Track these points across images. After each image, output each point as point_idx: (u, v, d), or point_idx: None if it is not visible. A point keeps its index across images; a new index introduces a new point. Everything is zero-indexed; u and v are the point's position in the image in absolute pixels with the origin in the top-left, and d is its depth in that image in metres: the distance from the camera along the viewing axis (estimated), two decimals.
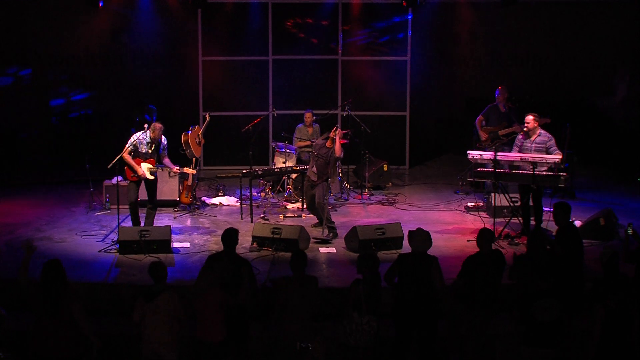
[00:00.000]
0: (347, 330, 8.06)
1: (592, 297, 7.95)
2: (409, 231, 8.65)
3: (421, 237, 8.45)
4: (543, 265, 8.18)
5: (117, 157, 11.70)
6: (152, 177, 11.96)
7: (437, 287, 8.23)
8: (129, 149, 11.83)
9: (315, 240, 11.94)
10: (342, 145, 12.47)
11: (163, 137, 12.10)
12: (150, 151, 11.95)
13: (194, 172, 12.67)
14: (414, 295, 8.22)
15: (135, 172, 11.85)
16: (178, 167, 12.22)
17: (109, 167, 11.73)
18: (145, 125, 12.03)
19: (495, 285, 8.49)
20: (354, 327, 8.02)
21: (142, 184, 12.06)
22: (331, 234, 12.10)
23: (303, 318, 8.11)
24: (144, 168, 11.91)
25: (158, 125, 11.96)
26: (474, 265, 8.43)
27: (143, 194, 12.10)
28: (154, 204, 12.13)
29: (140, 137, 11.94)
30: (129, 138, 11.99)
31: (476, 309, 8.35)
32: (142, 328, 7.95)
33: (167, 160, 12.10)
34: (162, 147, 12.04)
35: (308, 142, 14.82)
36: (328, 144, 12.26)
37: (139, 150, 11.93)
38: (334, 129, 12.25)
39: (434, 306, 8.28)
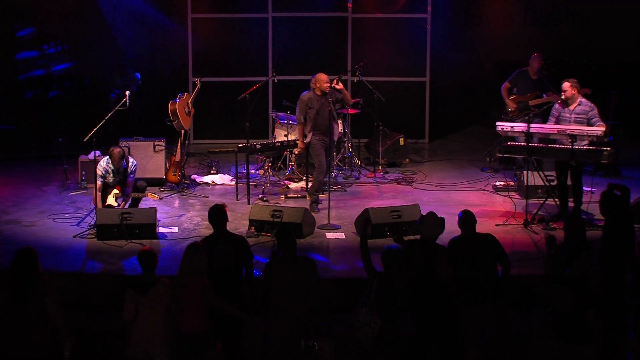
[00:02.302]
0: (351, 323, 8.13)
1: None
2: (425, 214, 8.67)
3: (433, 222, 8.47)
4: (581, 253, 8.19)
5: (95, 129, 11.70)
6: (116, 204, 11.98)
7: (442, 280, 8.28)
8: (100, 183, 11.90)
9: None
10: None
11: (131, 159, 12.14)
12: (116, 178, 12.04)
13: (157, 197, 12.57)
14: (425, 287, 8.27)
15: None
16: (134, 193, 12.16)
17: (85, 139, 11.73)
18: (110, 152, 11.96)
19: (490, 275, 8.47)
20: (356, 323, 8.08)
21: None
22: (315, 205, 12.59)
23: (296, 309, 8.15)
24: (110, 199, 11.98)
25: (116, 150, 11.92)
26: (458, 251, 8.47)
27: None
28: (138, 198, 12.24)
29: (105, 167, 11.97)
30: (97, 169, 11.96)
31: (472, 304, 8.37)
32: (134, 325, 7.96)
33: (129, 183, 12.09)
34: (129, 171, 12.06)
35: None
36: (317, 92, 12.62)
37: (106, 180, 12.00)
38: (336, 81, 12.64)
39: (449, 298, 8.31)
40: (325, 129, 12.64)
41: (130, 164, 12.07)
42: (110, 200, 11.98)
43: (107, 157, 12.00)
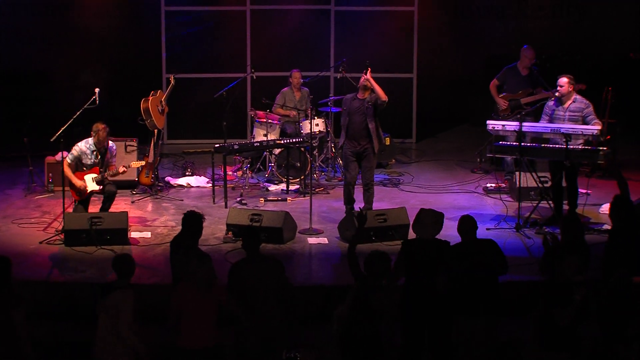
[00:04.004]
0: (330, 329, 8.15)
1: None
2: (419, 211, 8.69)
3: (428, 220, 8.49)
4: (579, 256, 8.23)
5: (62, 128, 11.67)
6: (97, 188, 11.95)
7: (440, 290, 8.29)
8: (69, 161, 11.85)
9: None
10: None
11: (111, 143, 12.10)
12: (96, 161, 11.99)
13: (142, 163, 12.61)
14: (423, 290, 8.27)
15: (75, 188, 11.87)
16: (123, 166, 12.18)
17: (52, 139, 11.70)
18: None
19: (489, 284, 8.50)
20: (335, 327, 8.08)
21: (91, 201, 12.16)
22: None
23: (268, 315, 8.15)
24: (88, 180, 11.93)
25: (101, 125, 11.86)
26: (456, 259, 8.48)
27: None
28: (111, 194, 12.15)
29: (83, 148, 11.93)
30: (73, 145, 11.94)
31: (469, 314, 8.40)
32: (96, 332, 7.98)
33: (113, 168, 12.11)
34: (110, 155, 12.06)
35: (293, 112, 14.78)
36: (360, 94, 12.18)
37: (83, 161, 11.95)
38: (364, 72, 12.11)
39: (444, 308, 8.34)
40: (355, 135, 12.20)
41: (110, 145, 12.05)
42: (91, 184, 11.94)
43: (85, 140, 11.95)
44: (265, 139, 14.20)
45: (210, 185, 13.93)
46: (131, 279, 8.09)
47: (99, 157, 11.97)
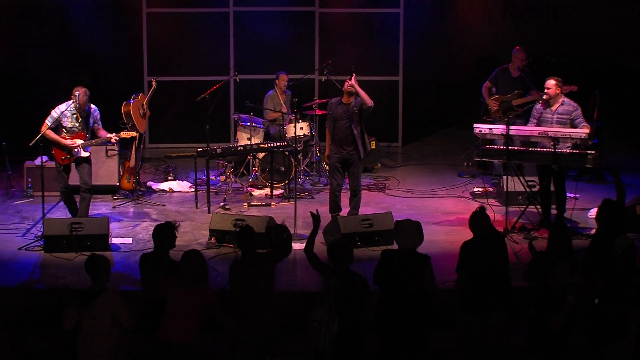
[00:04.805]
0: (308, 327, 8.14)
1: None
2: (396, 222, 8.70)
3: (409, 231, 8.49)
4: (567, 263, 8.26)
5: (41, 133, 11.65)
6: (87, 154, 11.93)
7: (429, 291, 8.31)
8: (49, 124, 11.82)
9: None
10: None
11: (93, 106, 12.08)
12: (77, 124, 11.93)
13: (134, 134, 12.63)
14: (399, 301, 8.29)
15: (63, 148, 11.82)
16: (115, 134, 12.18)
17: (31, 144, 11.67)
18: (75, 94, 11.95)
19: (504, 279, 8.53)
20: (314, 325, 8.08)
21: (73, 169, 12.06)
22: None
23: (262, 320, 8.14)
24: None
25: (81, 89, 11.88)
26: (473, 254, 8.51)
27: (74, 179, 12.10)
28: (88, 186, 12.09)
29: (64, 109, 11.90)
30: (50, 112, 11.96)
31: (485, 314, 8.41)
32: (78, 338, 7.95)
33: (103, 133, 12.10)
34: (92, 119, 12.03)
35: (280, 115, 14.81)
36: (344, 99, 12.13)
37: (64, 124, 11.91)
38: (349, 78, 12.06)
39: (425, 313, 8.35)
40: (341, 140, 12.18)
41: (92, 109, 12.03)
42: (80, 149, 11.94)
43: (66, 102, 11.92)
44: (249, 142, 14.20)
45: (193, 190, 13.92)
46: (108, 280, 8.11)
47: (80, 120, 11.95)
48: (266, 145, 13.87)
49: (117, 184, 14.00)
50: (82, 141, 11.94)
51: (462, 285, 8.51)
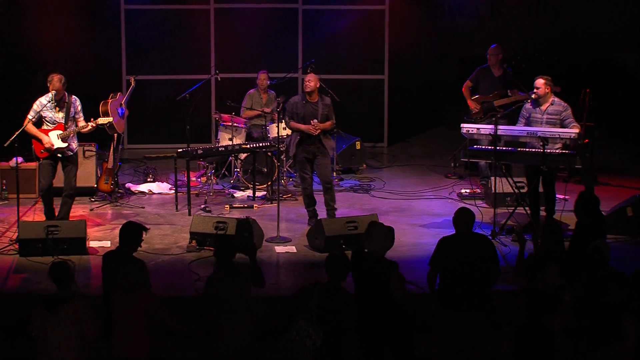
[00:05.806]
0: (288, 339, 8.09)
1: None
2: (367, 225, 8.66)
3: (378, 235, 8.45)
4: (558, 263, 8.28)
5: (17, 133, 11.59)
6: (64, 145, 11.87)
7: (397, 299, 8.26)
8: (30, 117, 11.78)
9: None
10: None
11: (73, 96, 12.05)
12: (58, 115, 11.89)
13: (110, 119, 12.62)
14: (371, 306, 8.27)
15: (41, 142, 11.78)
16: (92, 120, 12.14)
17: (5, 145, 11.61)
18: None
19: (479, 279, 8.50)
20: (296, 338, 8.04)
21: (59, 167, 12.02)
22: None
23: (241, 332, 8.12)
24: (52, 137, 11.85)
25: (56, 75, 11.89)
26: (448, 251, 8.49)
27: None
28: (73, 191, 12.08)
29: (44, 101, 11.89)
30: (32, 105, 11.93)
31: (463, 314, 8.39)
32: (41, 345, 7.89)
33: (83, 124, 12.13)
34: (74, 109, 11.99)
35: (266, 109, 14.77)
36: (309, 98, 12.38)
37: (44, 116, 11.88)
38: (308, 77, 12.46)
39: (399, 318, 8.32)
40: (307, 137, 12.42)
41: (72, 99, 11.99)
42: (56, 141, 11.86)
43: (46, 95, 11.90)
44: (230, 143, 14.17)
45: (173, 191, 13.89)
46: (75, 286, 8.06)
47: (59, 110, 11.92)
48: (248, 146, 13.83)
49: (95, 185, 13.95)
50: (60, 132, 11.89)
51: (432, 280, 8.53)
